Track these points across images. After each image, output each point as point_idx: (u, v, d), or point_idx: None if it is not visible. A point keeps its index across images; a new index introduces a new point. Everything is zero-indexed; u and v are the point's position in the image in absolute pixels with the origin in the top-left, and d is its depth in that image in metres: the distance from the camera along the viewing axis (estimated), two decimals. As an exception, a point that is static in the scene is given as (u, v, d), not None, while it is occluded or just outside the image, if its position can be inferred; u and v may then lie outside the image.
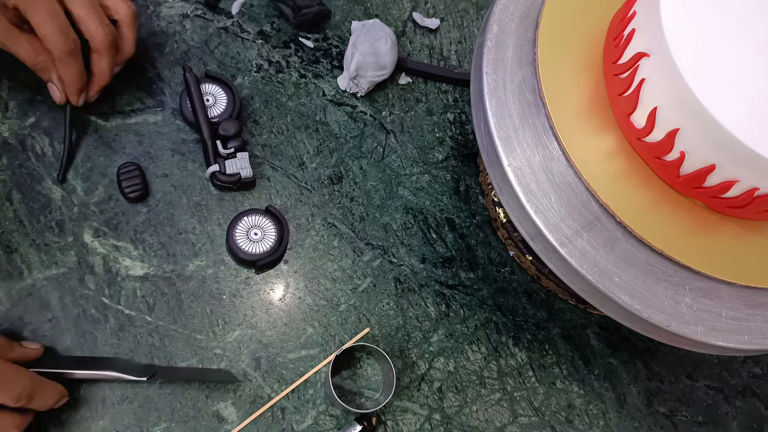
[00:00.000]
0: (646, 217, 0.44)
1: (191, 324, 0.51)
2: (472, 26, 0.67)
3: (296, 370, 0.52)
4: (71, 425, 0.47)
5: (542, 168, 0.44)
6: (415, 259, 0.57)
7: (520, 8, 0.49)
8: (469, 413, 0.53)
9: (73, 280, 0.50)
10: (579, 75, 0.47)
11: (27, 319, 0.49)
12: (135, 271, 0.52)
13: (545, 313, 0.58)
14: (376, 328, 0.54)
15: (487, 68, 0.46)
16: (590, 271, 0.42)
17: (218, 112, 0.56)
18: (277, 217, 0.55)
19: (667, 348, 0.59)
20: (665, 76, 0.40)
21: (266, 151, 0.58)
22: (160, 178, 0.55)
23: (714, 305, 0.43)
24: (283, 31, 0.63)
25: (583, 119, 0.46)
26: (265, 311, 0.53)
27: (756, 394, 0.59)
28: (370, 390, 0.53)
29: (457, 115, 0.63)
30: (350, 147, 0.60)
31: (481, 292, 0.57)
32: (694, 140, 0.40)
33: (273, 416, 0.50)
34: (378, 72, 0.60)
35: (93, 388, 0.48)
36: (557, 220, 0.43)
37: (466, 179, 0.61)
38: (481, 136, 0.47)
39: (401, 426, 0.52)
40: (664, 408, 0.57)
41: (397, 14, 0.66)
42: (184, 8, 0.61)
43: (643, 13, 0.43)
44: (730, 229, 0.45)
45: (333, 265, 0.55)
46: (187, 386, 0.50)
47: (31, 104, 0.54)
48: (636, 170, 0.45)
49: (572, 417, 0.55)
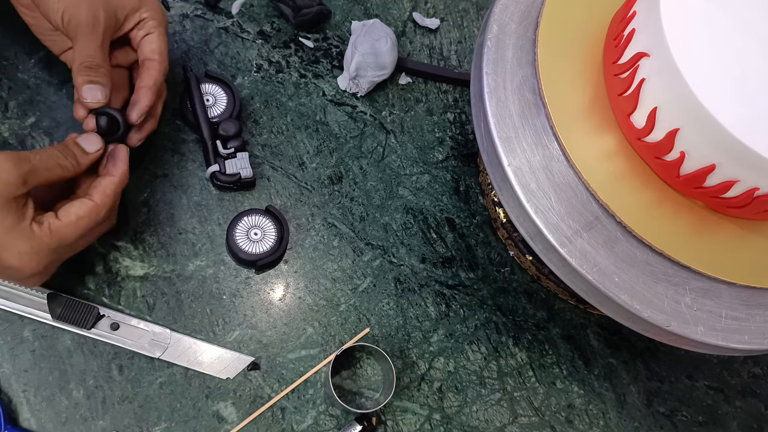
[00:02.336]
0: (646, 217, 0.44)
1: (191, 324, 0.51)
2: (472, 26, 0.67)
3: (296, 370, 0.52)
4: (71, 425, 0.48)
5: (542, 168, 0.44)
6: (415, 259, 0.57)
7: (520, 8, 0.49)
8: (469, 413, 0.53)
9: (73, 280, 0.50)
10: (579, 75, 0.47)
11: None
12: (135, 271, 0.52)
13: (545, 313, 0.58)
14: (376, 328, 0.54)
15: (487, 68, 0.46)
16: (590, 271, 0.42)
17: (218, 112, 0.56)
18: (277, 217, 0.55)
19: (667, 348, 0.59)
20: (665, 76, 0.40)
21: (266, 151, 0.58)
22: (160, 178, 0.55)
23: (714, 305, 0.43)
24: (283, 31, 0.63)
25: (583, 119, 0.46)
26: (265, 311, 0.53)
27: (756, 394, 0.59)
28: (370, 390, 0.53)
29: (457, 115, 0.63)
30: (350, 147, 0.60)
31: (481, 292, 0.57)
32: (694, 140, 0.40)
33: (273, 416, 0.50)
34: (378, 72, 0.60)
35: (93, 389, 0.48)
36: (557, 220, 0.43)
37: (466, 179, 0.61)
38: (481, 136, 0.47)
39: (401, 426, 0.52)
40: (664, 408, 0.57)
41: (397, 14, 0.66)
42: (184, 8, 0.61)
43: (643, 13, 0.43)
44: (730, 229, 0.45)
45: (333, 265, 0.55)
46: (187, 386, 0.50)
47: (31, 104, 0.54)
48: (636, 170, 0.45)
49: (572, 417, 0.55)
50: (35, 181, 0.42)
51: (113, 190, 0.46)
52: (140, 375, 0.49)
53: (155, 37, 0.49)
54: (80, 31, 0.46)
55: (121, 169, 0.47)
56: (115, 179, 0.46)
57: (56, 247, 0.43)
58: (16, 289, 0.49)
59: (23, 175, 0.41)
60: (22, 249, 0.42)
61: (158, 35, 0.50)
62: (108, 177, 0.46)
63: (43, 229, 0.42)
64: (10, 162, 0.41)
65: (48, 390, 0.48)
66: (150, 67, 0.49)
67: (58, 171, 0.44)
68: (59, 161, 0.44)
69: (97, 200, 0.45)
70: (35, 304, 0.49)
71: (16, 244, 0.42)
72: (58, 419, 0.48)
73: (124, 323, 0.50)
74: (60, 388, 0.48)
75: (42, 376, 0.48)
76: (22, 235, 0.42)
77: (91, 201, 0.45)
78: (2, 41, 0.55)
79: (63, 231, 0.43)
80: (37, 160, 0.42)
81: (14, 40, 0.55)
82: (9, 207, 0.41)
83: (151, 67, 0.49)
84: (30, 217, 0.42)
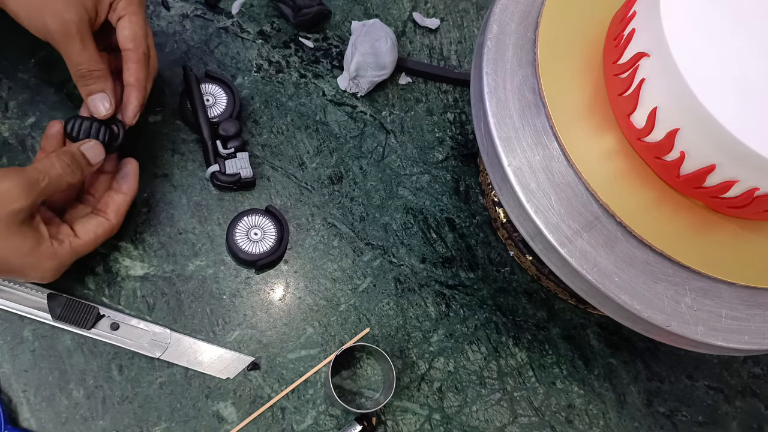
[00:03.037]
0: (646, 217, 0.44)
1: (191, 324, 0.52)
2: (472, 26, 0.67)
3: (296, 370, 0.52)
4: (71, 425, 0.47)
5: (542, 168, 0.44)
6: (415, 259, 0.57)
7: (520, 8, 0.49)
8: (469, 413, 0.53)
9: (73, 280, 0.50)
10: (579, 75, 0.47)
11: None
12: (135, 271, 0.52)
13: (545, 313, 0.58)
14: (376, 328, 0.54)
15: (487, 68, 0.46)
16: (590, 271, 0.42)
17: (218, 112, 0.56)
18: (277, 217, 0.55)
19: (667, 348, 0.59)
20: (665, 76, 0.40)
21: (266, 151, 0.58)
22: (160, 178, 0.55)
23: (714, 305, 0.43)
24: (283, 31, 0.63)
25: (583, 119, 0.46)
26: (265, 311, 0.53)
27: (756, 394, 0.59)
28: (370, 390, 0.53)
29: (457, 115, 0.63)
30: (350, 147, 0.60)
31: (481, 292, 0.57)
32: (694, 140, 0.40)
33: (273, 416, 0.50)
34: (378, 72, 0.60)
35: (93, 389, 0.49)
36: (557, 220, 0.43)
37: (466, 179, 0.61)
38: (481, 136, 0.47)
39: (401, 426, 0.52)
40: (664, 408, 0.57)
41: (397, 14, 0.66)
42: (184, 8, 0.61)
43: (643, 13, 0.43)
44: (730, 229, 0.45)
45: (333, 265, 0.55)
46: (187, 386, 0.50)
47: (31, 104, 0.54)
48: (636, 170, 0.45)
49: (572, 417, 0.55)
50: (41, 197, 0.43)
51: (126, 207, 0.49)
52: (140, 375, 0.49)
53: (127, 21, 0.46)
54: (55, 40, 0.44)
55: (133, 187, 0.50)
56: (128, 197, 0.49)
57: (73, 260, 0.46)
58: (16, 289, 0.49)
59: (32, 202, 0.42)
60: (46, 267, 0.44)
61: (130, 17, 0.47)
62: (121, 195, 0.49)
63: (64, 247, 0.45)
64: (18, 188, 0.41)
65: (48, 390, 0.48)
66: (128, 59, 0.47)
67: (64, 186, 0.45)
68: (67, 179, 0.44)
69: (113, 220, 0.48)
70: (35, 304, 0.49)
71: (40, 264, 0.44)
72: (58, 419, 0.48)
73: (124, 323, 0.50)
74: (60, 388, 0.48)
75: (42, 376, 0.48)
76: (45, 256, 0.43)
77: (108, 222, 0.47)
78: (2, 41, 0.55)
79: (82, 249, 0.46)
80: (45, 182, 0.42)
81: (14, 40, 0.55)
82: (23, 231, 0.42)
83: (128, 59, 0.47)
84: (47, 236, 0.43)
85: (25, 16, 0.44)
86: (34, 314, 0.49)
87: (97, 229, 0.47)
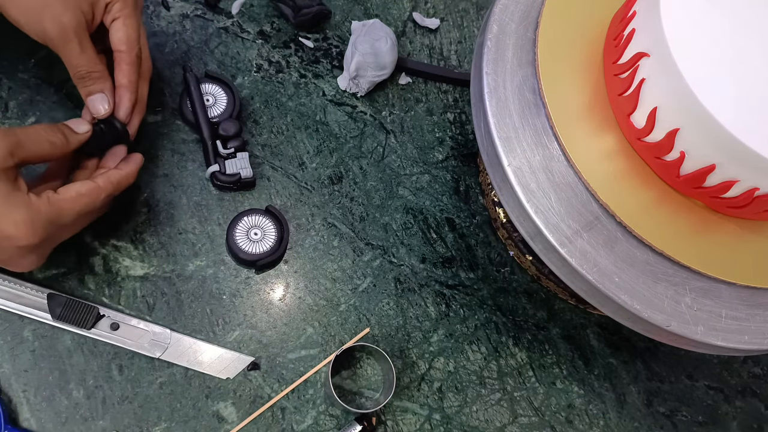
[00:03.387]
0: (646, 217, 0.44)
1: (191, 324, 0.52)
2: (472, 26, 0.67)
3: (296, 370, 0.52)
4: (71, 425, 0.48)
5: (542, 168, 0.44)
6: (415, 259, 0.57)
7: (520, 8, 0.49)
8: (469, 413, 0.53)
9: (73, 280, 0.50)
10: (579, 75, 0.47)
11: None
12: (135, 271, 0.52)
13: (545, 313, 0.58)
14: (376, 328, 0.54)
15: (487, 68, 0.46)
16: (590, 271, 0.42)
17: (218, 112, 0.56)
18: (277, 217, 0.55)
19: (667, 348, 0.59)
20: (665, 76, 0.40)
21: (266, 151, 0.58)
22: (160, 178, 0.55)
23: (714, 305, 0.43)
24: (283, 31, 0.63)
25: (583, 119, 0.46)
26: (265, 311, 0.53)
27: (756, 394, 0.59)
28: (370, 390, 0.53)
29: (457, 115, 0.63)
30: (350, 147, 0.60)
31: (481, 292, 0.57)
32: (694, 140, 0.40)
33: (273, 416, 0.50)
34: (378, 72, 0.60)
35: (93, 389, 0.49)
36: (557, 220, 0.43)
37: (466, 179, 0.61)
38: (481, 136, 0.47)
39: (401, 426, 0.52)
40: (664, 408, 0.57)
41: (397, 14, 0.66)
42: (184, 8, 0.61)
43: (643, 13, 0.43)
44: (730, 229, 0.45)
45: (333, 265, 0.56)
46: (187, 386, 0.50)
47: (31, 104, 0.54)
48: (636, 170, 0.45)
49: (572, 417, 0.55)
50: (23, 153, 0.42)
51: (117, 179, 0.47)
52: (140, 375, 0.50)
53: (121, 24, 0.47)
54: (54, 43, 0.45)
55: (131, 168, 0.48)
56: (122, 172, 0.48)
57: (53, 218, 0.42)
58: (17, 289, 0.49)
59: (9, 147, 0.40)
60: (18, 217, 0.41)
61: (124, 20, 0.47)
62: (116, 170, 0.48)
63: (42, 198, 0.42)
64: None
65: (48, 390, 0.48)
66: (120, 61, 0.48)
67: (46, 146, 0.43)
68: (47, 136, 0.43)
69: (99, 183, 0.45)
70: (35, 304, 0.49)
71: (12, 210, 0.41)
72: (58, 419, 0.48)
73: (124, 323, 0.50)
74: (60, 388, 0.48)
75: (42, 376, 0.48)
76: (18, 201, 0.41)
77: (93, 182, 0.45)
78: (2, 41, 0.55)
79: (61, 204, 0.43)
80: (23, 134, 0.42)
81: (14, 40, 0.55)
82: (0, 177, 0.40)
83: (121, 61, 0.48)
84: (24, 188, 0.42)
85: (25, 22, 0.45)
86: (34, 314, 0.49)
87: (81, 187, 0.44)
